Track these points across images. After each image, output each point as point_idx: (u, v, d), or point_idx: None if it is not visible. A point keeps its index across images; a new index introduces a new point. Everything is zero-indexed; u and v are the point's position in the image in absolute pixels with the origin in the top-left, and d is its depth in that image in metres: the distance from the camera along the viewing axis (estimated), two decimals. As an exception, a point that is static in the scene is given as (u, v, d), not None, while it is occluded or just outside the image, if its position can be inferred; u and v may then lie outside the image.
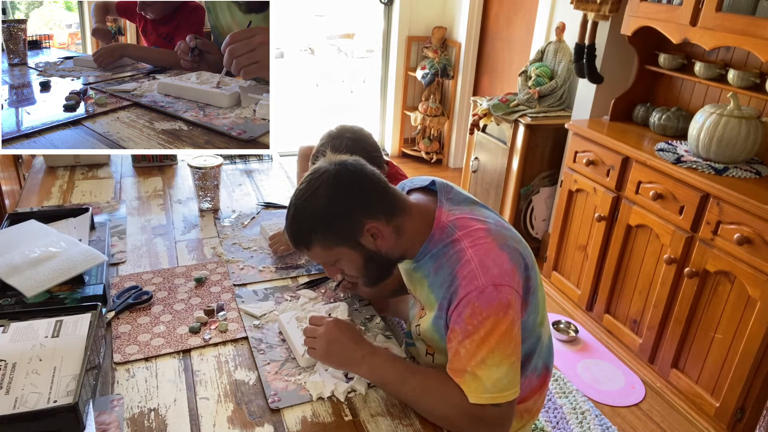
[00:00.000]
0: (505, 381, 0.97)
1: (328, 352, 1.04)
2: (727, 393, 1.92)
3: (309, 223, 1.02)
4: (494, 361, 0.96)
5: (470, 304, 0.97)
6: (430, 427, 1.02)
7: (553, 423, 2.06)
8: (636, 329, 2.33)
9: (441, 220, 1.07)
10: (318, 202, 1.01)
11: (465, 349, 0.98)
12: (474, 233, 1.03)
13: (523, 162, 2.97)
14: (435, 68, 4.08)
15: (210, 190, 1.78)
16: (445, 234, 1.05)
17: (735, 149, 2.00)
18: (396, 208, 1.05)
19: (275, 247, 1.55)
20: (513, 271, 1.00)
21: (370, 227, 1.02)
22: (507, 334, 0.97)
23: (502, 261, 1.00)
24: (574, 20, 2.79)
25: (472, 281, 0.98)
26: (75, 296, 1.24)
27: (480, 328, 0.96)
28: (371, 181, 1.04)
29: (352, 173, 1.03)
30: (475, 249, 1.01)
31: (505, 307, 0.97)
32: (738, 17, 1.88)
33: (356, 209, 1.02)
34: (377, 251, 1.05)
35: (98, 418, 0.98)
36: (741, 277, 1.83)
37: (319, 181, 1.02)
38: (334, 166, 1.03)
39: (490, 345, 0.96)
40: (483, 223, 1.06)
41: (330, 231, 1.02)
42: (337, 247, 1.04)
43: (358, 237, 1.03)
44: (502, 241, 1.03)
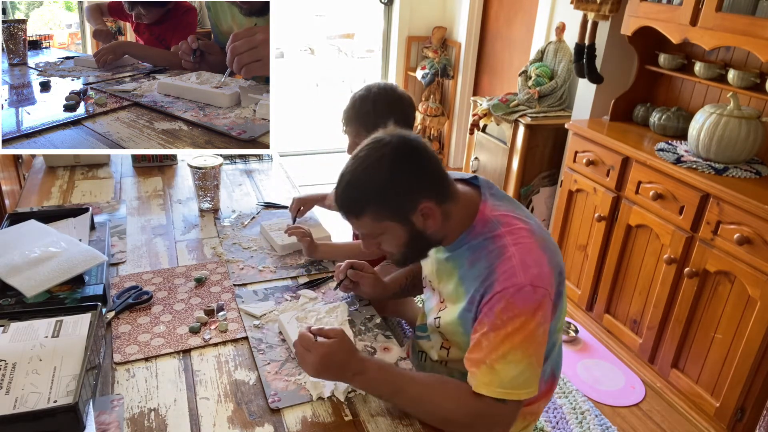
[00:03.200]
0: (520, 379, 0.97)
1: (318, 374, 1.02)
2: (727, 393, 1.92)
3: (366, 193, 1.01)
4: (514, 358, 0.97)
5: (504, 299, 0.97)
6: (429, 427, 1.02)
7: (552, 423, 2.06)
8: (636, 329, 2.33)
9: (485, 214, 1.07)
10: (379, 174, 1.00)
11: (488, 340, 0.98)
12: (517, 232, 1.03)
13: (523, 162, 2.97)
14: (435, 68, 4.08)
15: (210, 190, 1.78)
16: (488, 228, 1.05)
17: (735, 149, 1.99)
18: (448, 193, 1.05)
19: (293, 232, 1.53)
20: (550, 275, 1.01)
21: (424, 207, 1.01)
22: (532, 335, 0.97)
23: (542, 263, 1.01)
24: (574, 20, 2.79)
25: (511, 277, 0.98)
26: (75, 296, 1.24)
27: (508, 323, 0.97)
28: (431, 161, 1.03)
29: (414, 150, 1.01)
30: (517, 247, 1.01)
31: (537, 308, 0.97)
32: (738, 17, 1.88)
33: (416, 187, 1.01)
34: (423, 231, 1.04)
35: (98, 418, 0.98)
36: (741, 277, 1.83)
37: (380, 153, 1.00)
38: (397, 139, 1.01)
39: (514, 342, 0.96)
40: (525, 223, 1.06)
41: (385, 204, 1.01)
42: (387, 221, 1.03)
43: (410, 215, 1.02)
44: (543, 243, 1.04)
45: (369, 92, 1.56)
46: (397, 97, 1.56)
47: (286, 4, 6.76)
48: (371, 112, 1.54)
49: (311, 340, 1.01)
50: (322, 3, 8.24)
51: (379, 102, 1.54)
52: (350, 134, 1.61)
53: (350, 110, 1.58)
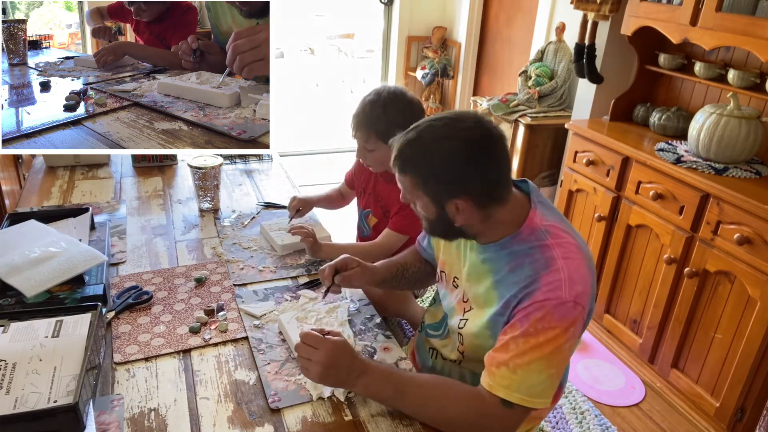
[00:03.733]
0: (538, 389, 0.98)
1: (323, 375, 1.00)
2: (727, 393, 1.92)
3: (416, 160, 1.02)
4: (538, 368, 0.97)
5: (544, 309, 0.97)
6: (430, 428, 1.02)
7: (552, 423, 2.06)
8: (636, 329, 2.33)
9: (534, 222, 1.06)
10: (437, 152, 1.00)
11: (516, 344, 0.98)
12: (566, 245, 1.03)
13: (523, 162, 2.97)
14: (435, 68, 4.08)
15: (210, 190, 1.78)
16: (535, 236, 1.04)
17: (735, 149, 1.99)
18: (495, 197, 1.04)
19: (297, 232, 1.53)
20: (590, 294, 1.01)
21: (459, 203, 1.02)
22: (560, 349, 0.98)
23: (587, 282, 1.01)
24: (574, 20, 2.79)
25: (555, 290, 0.98)
26: (75, 296, 1.24)
27: (541, 333, 0.97)
28: (494, 164, 1.02)
29: (484, 148, 1.00)
30: (566, 261, 1.01)
31: (572, 325, 0.98)
32: (738, 17, 1.88)
33: (461, 182, 1.01)
34: (452, 221, 1.05)
35: (98, 418, 0.98)
36: (741, 277, 1.83)
37: (453, 133, 1.00)
38: (478, 130, 1.01)
39: (543, 352, 0.96)
40: (573, 238, 1.05)
41: (427, 181, 1.02)
42: (423, 194, 1.04)
43: (444, 202, 1.03)
44: (589, 261, 1.04)
45: (379, 97, 1.55)
46: (408, 101, 1.56)
47: (286, 4, 6.76)
48: (382, 116, 1.53)
49: (319, 336, 1.00)
50: (322, 3, 8.24)
51: (389, 107, 1.53)
52: (360, 139, 1.60)
53: (360, 115, 1.57)
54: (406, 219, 1.63)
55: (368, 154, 1.61)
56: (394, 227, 1.64)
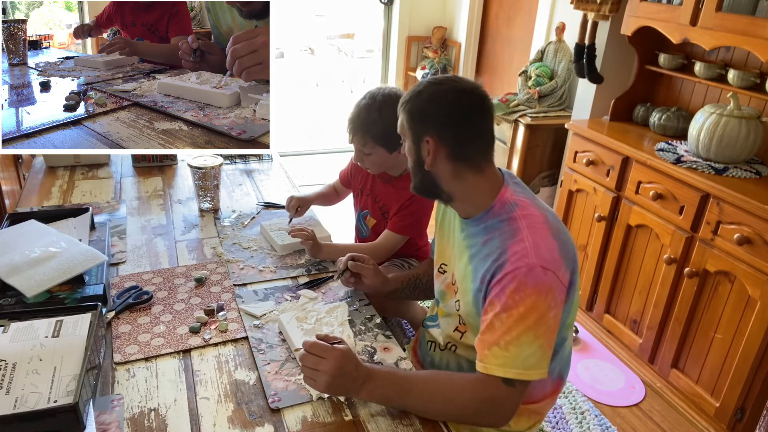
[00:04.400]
0: (532, 360, 0.99)
1: (330, 386, 0.99)
2: (727, 393, 1.92)
3: (412, 100, 1.11)
4: (527, 340, 0.98)
5: (516, 279, 0.99)
6: (429, 426, 1.02)
7: (552, 423, 2.06)
8: (636, 329, 2.33)
9: (505, 196, 1.11)
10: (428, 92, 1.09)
11: (501, 321, 1.00)
12: (532, 217, 1.07)
13: (523, 162, 2.97)
14: (435, 68, 4.08)
15: (210, 190, 1.77)
16: (505, 210, 1.09)
17: (735, 149, 2.00)
18: (469, 157, 1.10)
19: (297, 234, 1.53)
20: (560, 262, 1.03)
21: (429, 140, 1.08)
22: (544, 317, 0.99)
23: (554, 249, 1.03)
24: (574, 20, 2.79)
25: (522, 258, 1.00)
26: (75, 296, 1.24)
27: (520, 304, 0.99)
28: (474, 121, 1.09)
29: (471, 103, 1.08)
30: (531, 230, 1.04)
31: (548, 290, 0.99)
32: (738, 17, 1.88)
33: (435, 119, 1.08)
34: (423, 162, 1.11)
35: (98, 418, 0.98)
36: (741, 277, 1.83)
37: (449, 83, 1.10)
38: (473, 89, 1.09)
39: (527, 323, 0.98)
40: (542, 212, 1.09)
41: (411, 116, 1.11)
42: (409, 129, 1.12)
43: (420, 137, 1.10)
44: (557, 232, 1.06)
45: (374, 101, 1.54)
46: None
47: (286, 4, 6.76)
48: (378, 120, 1.52)
49: (326, 345, 0.99)
50: (322, 3, 8.24)
51: (385, 110, 1.52)
52: (357, 143, 1.60)
53: (356, 120, 1.57)
54: (406, 219, 1.62)
55: (366, 158, 1.61)
56: (393, 228, 1.64)
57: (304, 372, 1.01)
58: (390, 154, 1.58)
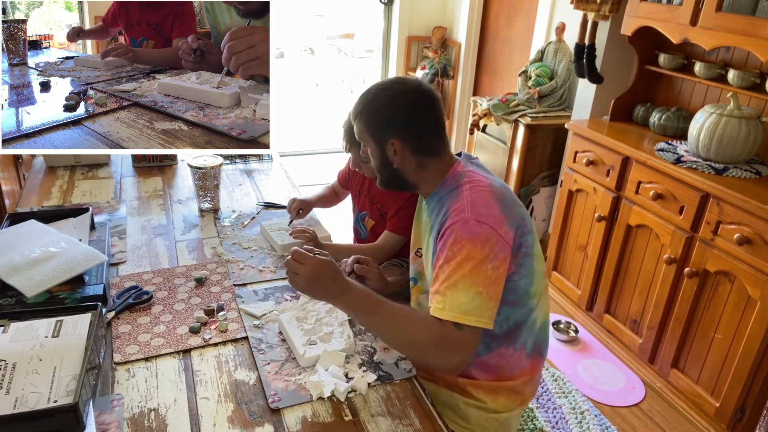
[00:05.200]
0: (469, 306, 1.05)
1: (307, 289, 1.09)
2: (727, 393, 1.92)
3: (364, 107, 1.20)
4: (463, 286, 1.05)
5: (454, 232, 1.09)
6: (429, 426, 1.02)
7: (552, 423, 2.06)
8: (636, 329, 2.33)
9: (456, 169, 1.21)
10: (380, 98, 1.19)
11: (442, 272, 1.08)
12: (477, 183, 1.16)
13: (523, 162, 2.97)
14: (435, 68, 4.08)
15: (210, 190, 1.77)
16: (455, 180, 1.19)
17: (735, 149, 2.00)
18: (430, 148, 1.20)
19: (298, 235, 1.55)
20: (501, 220, 1.10)
21: (394, 143, 1.18)
22: (479, 267, 1.06)
23: (492, 207, 1.11)
24: (574, 20, 2.79)
25: (459, 213, 1.10)
26: (75, 296, 1.24)
27: (458, 254, 1.07)
28: (429, 118, 1.19)
29: (421, 101, 1.18)
30: (471, 191, 1.14)
31: (483, 241, 1.07)
32: (738, 17, 1.88)
33: (397, 125, 1.18)
34: (391, 162, 1.21)
35: (98, 418, 0.98)
36: (741, 277, 1.83)
37: (395, 86, 1.19)
38: (417, 87, 1.19)
39: (463, 271, 1.06)
40: (489, 181, 1.18)
41: (370, 123, 1.20)
42: (369, 137, 1.22)
43: (384, 144, 1.20)
44: (500, 196, 1.14)
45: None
46: None
47: (286, 4, 6.76)
48: None
49: (306, 253, 1.08)
50: (322, 3, 8.24)
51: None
52: (353, 153, 1.61)
53: (350, 133, 1.57)
54: (405, 220, 1.63)
55: (363, 165, 1.62)
56: (392, 229, 1.64)
57: (287, 275, 1.10)
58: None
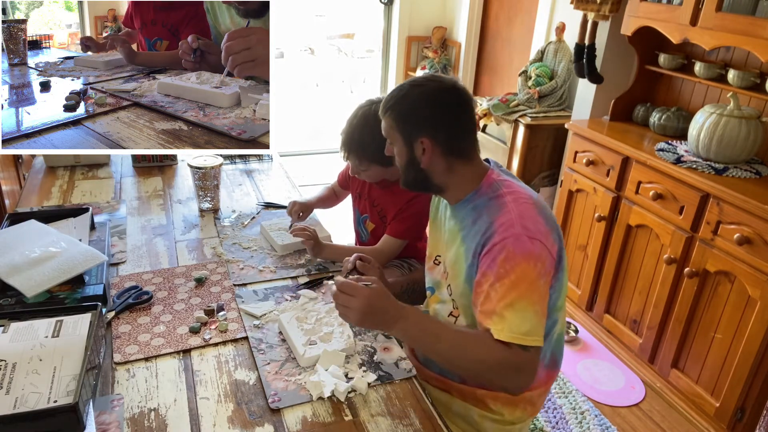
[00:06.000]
0: (528, 326, 1.02)
1: (361, 322, 1.04)
2: (727, 393, 1.92)
3: (396, 102, 1.15)
4: (521, 306, 1.01)
5: (505, 249, 1.04)
6: (429, 426, 1.02)
7: (552, 423, 2.06)
8: (636, 329, 2.33)
9: (491, 178, 1.17)
10: (414, 94, 1.13)
11: (495, 291, 1.03)
12: (517, 194, 1.12)
13: (523, 162, 2.96)
14: (435, 68, 4.08)
15: (210, 190, 1.77)
16: (492, 189, 1.14)
17: (735, 149, 2.00)
18: (461, 151, 1.15)
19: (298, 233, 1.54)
20: (548, 234, 1.07)
21: (424, 142, 1.12)
22: (535, 284, 1.03)
23: (539, 222, 1.08)
24: (574, 20, 2.78)
25: (509, 228, 1.05)
26: (75, 296, 1.24)
27: (511, 272, 1.02)
28: (462, 117, 1.14)
29: (454, 99, 1.13)
30: (516, 204, 1.09)
31: (536, 258, 1.03)
32: (738, 17, 1.88)
33: (429, 123, 1.12)
34: (418, 161, 1.15)
35: (98, 418, 0.98)
36: (741, 277, 1.83)
37: (429, 82, 1.14)
38: (453, 86, 1.14)
39: (520, 290, 1.02)
40: (526, 191, 1.15)
41: (401, 119, 1.15)
42: (397, 132, 1.16)
43: (413, 140, 1.14)
44: (541, 209, 1.11)
45: (366, 121, 1.53)
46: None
47: (286, 4, 6.76)
48: (371, 143, 1.52)
49: (355, 284, 1.03)
50: (322, 3, 8.24)
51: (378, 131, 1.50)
52: (352, 161, 1.61)
53: (349, 142, 1.56)
54: (404, 223, 1.63)
55: (362, 173, 1.63)
56: (392, 233, 1.64)
57: (337, 308, 1.05)
58: (386, 168, 1.60)
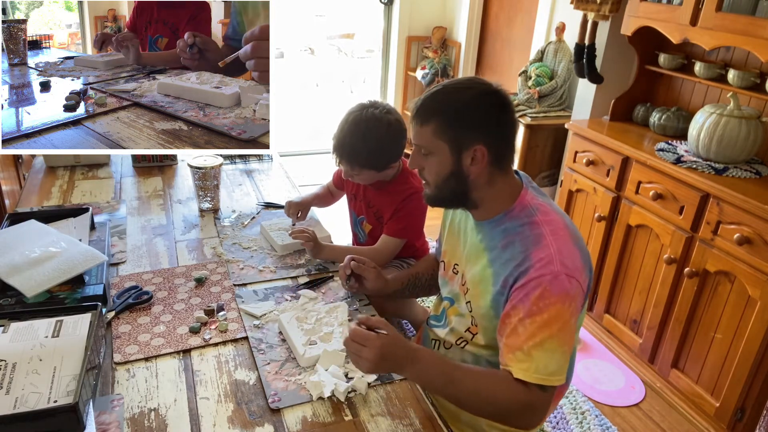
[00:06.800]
0: (554, 366, 1.00)
1: (373, 370, 1.00)
2: (727, 393, 1.92)
3: (443, 105, 1.06)
4: (551, 346, 0.99)
5: (541, 286, 1.00)
6: (429, 426, 1.02)
7: (552, 423, 2.06)
8: (636, 329, 2.33)
9: (525, 199, 1.10)
10: (466, 97, 1.05)
11: (524, 327, 1.00)
12: (554, 223, 1.07)
13: (523, 162, 2.96)
14: (435, 68, 4.08)
15: (210, 190, 1.77)
16: (525, 213, 1.08)
17: (735, 149, 1.99)
18: (503, 161, 1.08)
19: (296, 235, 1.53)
20: (582, 270, 1.04)
21: (479, 150, 1.05)
22: (567, 324, 1.00)
23: (576, 257, 1.04)
24: (574, 20, 2.79)
25: (548, 265, 1.01)
26: (75, 296, 1.24)
27: (545, 311, 0.99)
28: (510, 126, 1.08)
29: (506, 107, 1.06)
30: (554, 237, 1.04)
31: (572, 298, 1.00)
32: (738, 17, 1.88)
33: (484, 129, 1.05)
34: (467, 175, 1.07)
35: (98, 418, 0.98)
36: (741, 277, 1.83)
37: (476, 84, 1.07)
38: (497, 88, 1.07)
39: (552, 330, 0.99)
40: (561, 217, 1.10)
41: (451, 125, 1.05)
42: (442, 142, 1.06)
43: (463, 149, 1.05)
44: (576, 239, 1.07)
45: (358, 128, 1.54)
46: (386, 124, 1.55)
47: (286, 4, 6.76)
48: (363, 149, 1.55)
49: (367, 333, 0.99)
50: (322, 3, 8.24)
51: (369, 137, 1.54)
52: (344, 166, 1.62)
53: (341, 148, 1.57)
54: (401, 222, 1.63)
55: (355, 177, 1.64)
56: (390, 232, 1.64)
57: (349, 356, 1.02)
58: (378, 173, 1.60)
